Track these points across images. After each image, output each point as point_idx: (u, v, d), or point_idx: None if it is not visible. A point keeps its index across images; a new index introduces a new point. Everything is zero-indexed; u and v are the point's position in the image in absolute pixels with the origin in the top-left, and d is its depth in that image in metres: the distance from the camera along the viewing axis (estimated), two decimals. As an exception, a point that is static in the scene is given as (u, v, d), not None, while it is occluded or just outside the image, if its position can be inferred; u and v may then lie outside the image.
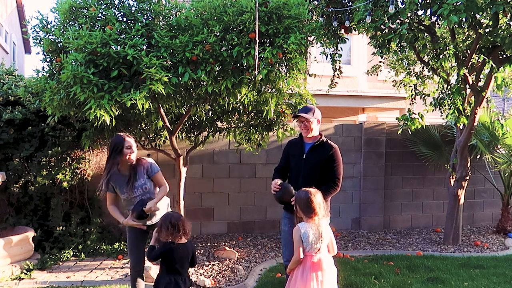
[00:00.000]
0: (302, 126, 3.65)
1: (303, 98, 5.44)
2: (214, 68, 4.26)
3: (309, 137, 3.68)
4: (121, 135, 3.58)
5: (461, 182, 6.41)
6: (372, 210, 7.41)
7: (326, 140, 3.72)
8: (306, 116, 3.60)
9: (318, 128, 3.71)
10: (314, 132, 3.67)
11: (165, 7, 4.57)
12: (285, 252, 3.76)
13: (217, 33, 4.24)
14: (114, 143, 3.52)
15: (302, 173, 3.62)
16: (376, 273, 5.02)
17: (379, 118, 13.55)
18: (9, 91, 5.71)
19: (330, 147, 3.65)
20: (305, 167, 3.62)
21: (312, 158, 3.63)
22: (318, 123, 3.67)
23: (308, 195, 3.14)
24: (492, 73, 5.93)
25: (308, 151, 3.66)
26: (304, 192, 3.19)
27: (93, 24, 4.32)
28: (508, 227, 7.14)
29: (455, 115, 6.18)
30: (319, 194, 3.21)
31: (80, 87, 3.88)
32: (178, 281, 3.20)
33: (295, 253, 3.14)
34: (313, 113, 3.64)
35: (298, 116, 3.66)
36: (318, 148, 3.65)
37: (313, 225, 3.10)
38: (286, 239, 3.73)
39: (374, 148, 7.40)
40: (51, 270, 5.12)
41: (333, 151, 3.64)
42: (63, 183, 5.63)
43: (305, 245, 3.10)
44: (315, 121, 3.64)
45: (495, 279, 4.89)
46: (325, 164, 3.61)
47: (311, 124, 3.62)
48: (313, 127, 3.64)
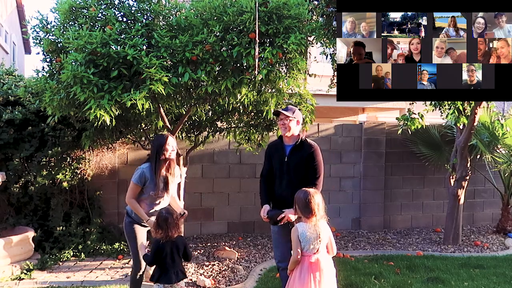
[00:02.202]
0: (281, 124, 3.62)
1: (303, 98, 5.43)
2: (214, 68, 4.25)
3: (288, 137, 3.64)
4: (164, 134, 3.78)
5: (461, 182, 6.42)
6: (372, 210, 7.41)
7: (305, 139, 3.67)
8: (286, 113, 3.58)
9: (298, 129, 3.68)
10: (294, 131, 3.62)
11: (165, 7, 4.57)
12: (276, 253, 3.75)
13: (217, 33, 4.23)
14: (157, 142, 3.66)
15: (285, 176, 3.60)
16: (376, 273, 5.02)
17: (379, 118, 13.53)
18: (9, 91, 5.71)
19: (309, 147, 3.62)
20: (288, 170, 3.60)
21: (293, 159, 3.60)
22: (297, 124, 3.64)
23: (307, 195, 3.14)
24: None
25: (289, 153, 3.62)
26: (303, 192, 3.19)
27: (93, 24, 4.32)
28: (508, 227, 7.14)
29: (455, 115, 6.18)
30: (319, 195, 3.21)
31: (80, 87, 3.87)
32: (170, 275, 3.35)
33: (293, 253, 3.15)
34: (293, 112, 3.62)
35: (278, 113, 3.65)
36: (298, 148, 3.62)
37: (311, 225, 3.10)
38: (276, 240, 3.72)
39: (374, 148, 7.40)
40: (51, 270, 5.12)
41: (313, 149, 3.60)
42: (63, 183, 5.63)
43: (303, 245, 3.10)
44: (295, 120, 3.61)
45: (495, 279, 4.89)
46: (305, 164, 3.57)
47: (290, 122, 3.58)
48: (291, 126, 3.59)
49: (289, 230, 3.29)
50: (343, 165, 7.31)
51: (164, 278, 3.35)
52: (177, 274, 3.39)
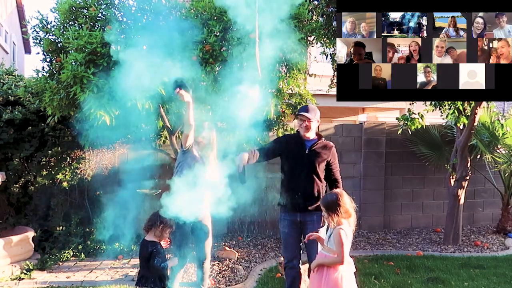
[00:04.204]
0: (303, 125, 3.70)
1: (303, 98, 5.44)
2: (214, 68, 4.25)
3: (307, 136, 3.73)
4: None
5: (461, 182, 6.41)
6: (372, 210, 7.41)
7: (324, 138, 3.82)
8: (308, 116, 3.66)
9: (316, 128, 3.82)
10: (312, 131, 3.73)
11: (165, 7, 4.57)
12: (286, 253, 3.77)
13: (217, 33, 4.23)
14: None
15: (304, 169, 3.66)
16: (376, 273, 5.02)
17: (379, 118, 13.52)
18: (9, 91, 5.71)
19: (329, 145, 3.78)
20: (308, 165, 3.67)
21: (313, 155, 3.68)
22: (317, 123, 3.77)
23: (336, 197, 3.06)
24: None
25: (309, 148, 3.70)
26: (331, 195, 3.12)
27: (93, 24, 4.32)
28: (508, 227, 7.14)
29: (455, 115, 6.18)
30: (346, 195, 3.14)
31: (80, 87, 3.88)
32: (139, 277, 3.40)
33: (341, 256, 2.99)
34: (315, 114, 3.72)
35: (300, 114, 3.72)
36: (319, 145, 3.72)
37: (350, 227, 3.06)
38: (286, 240, 3.74)
39: (374, 148, 7.40)
40: (51, 270, 5.12)
41: (332, 149, 3.77)
42: (63, 183, 5.63)
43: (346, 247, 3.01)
44: (315, 121, 3.72)
45: (495, 279, 4.89)
46: (324, 161, 3.70)
47: (312, 123, 3.68)
48: (312, 127, 3.71)
49: (299, 231, 3.31)
50: (343, 165, 7.24)
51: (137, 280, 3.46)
52: (139, 279, 3.41)
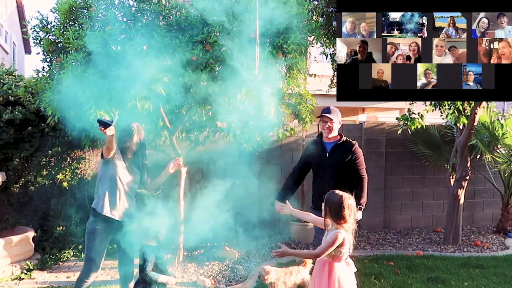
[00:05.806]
0: (326, 127, 3.76)
1: (303, 98, 5.43)
2: (214, 68, 4.25)
3: (329, 137, 3.79)
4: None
5: (461, 182, 6.42)
6: (372, 210, 7.40)
7: (346, 138, 3.85)
8: (330, 117, 3.72)
9: (337, 129, 3.85)
10: (334, 132, 3.79)
11: (165, 7, 4.57)
12: None
13: (217, 33, 4.23)
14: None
15: (326, 173, 3.71)
16: (376, 273, 5.02)
17: (379, 118, 13.54)
18: (9, 91, 5.71)
19: (351, 144, 3.80)
20: (329, 167, 3.71)
21: (335, 157, 3.72)
22: (339, 124, 3.82)
23: (341, 200, 2.89)
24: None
25: (330, 150, 3.74)
26: (336, 196, 2.93)
27: (93, 24, 4.32)
28: (508, 227, 7.14)
29: (455, 115, 6.18)
30: (352, 200, 2.98)
31: (80, 87, 3.87)
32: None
33: (319, 251, 3.00)
34: (337, 115, 3.78)
35: (322, 116, 3.76)
36: (340, 146, 3.76)
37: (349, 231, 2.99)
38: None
39: (374, 148, 7.39)
40: (51, 270, 5.12)
41: (355, 147, 3.78)
42: (63, 183, 5.62)
43: (345, 250, 3.04)
44: (337, 122, 3.77)
45: (495, 279, 4.89)
46: (348, 161, 3.73)
47: (333, 124, 3.74)
48: (334, 128, 3.77)
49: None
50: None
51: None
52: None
